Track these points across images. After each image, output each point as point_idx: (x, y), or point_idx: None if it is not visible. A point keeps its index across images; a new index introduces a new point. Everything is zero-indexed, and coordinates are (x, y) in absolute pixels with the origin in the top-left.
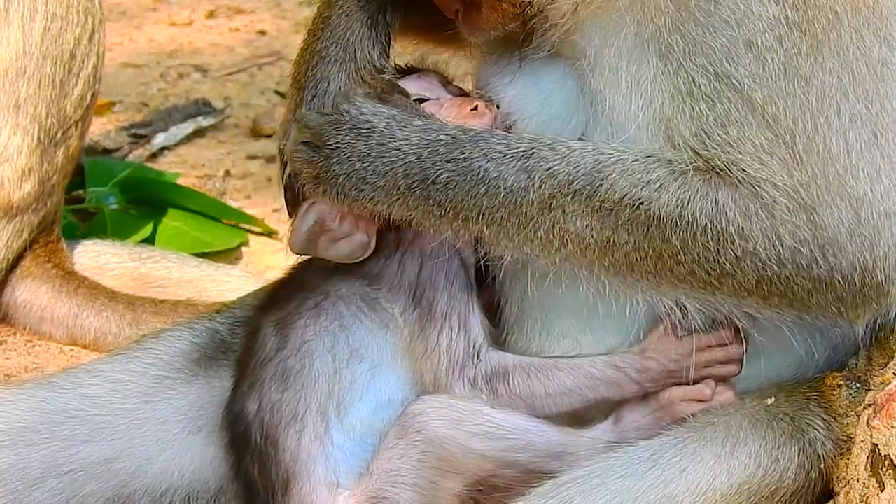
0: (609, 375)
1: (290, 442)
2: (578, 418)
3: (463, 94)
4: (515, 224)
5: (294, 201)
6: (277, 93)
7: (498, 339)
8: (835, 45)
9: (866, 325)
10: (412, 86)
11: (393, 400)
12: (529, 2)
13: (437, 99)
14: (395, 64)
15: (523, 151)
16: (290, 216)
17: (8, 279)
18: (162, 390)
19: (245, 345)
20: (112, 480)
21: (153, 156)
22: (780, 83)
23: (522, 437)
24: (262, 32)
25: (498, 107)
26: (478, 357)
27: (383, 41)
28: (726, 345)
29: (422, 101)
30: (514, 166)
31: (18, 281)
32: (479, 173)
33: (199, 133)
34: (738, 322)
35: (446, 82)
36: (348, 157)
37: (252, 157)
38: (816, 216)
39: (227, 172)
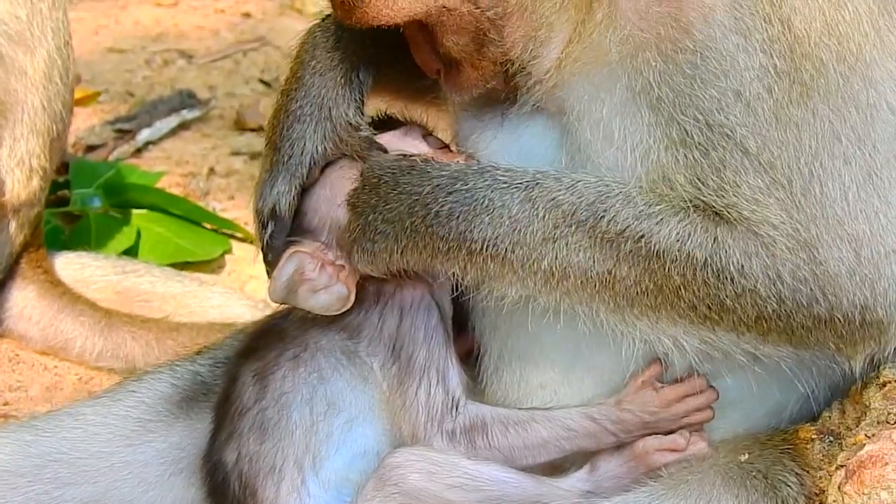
0: (585, 427)
1: (269, 493)
2: (555, 467)
3: (444, 147)
4: (520, 256)
5: (273, 262)
6: (262, 81)
7: (475, 389)
8: (823, 91)
9: (864, 360)
10: (392, 142)
11: (368, 451)
12: (511, 60)
13: (418, 154)
14: (375, 115)
15: (528, 182)
16: (269, 277)
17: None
18: (144, 433)
19: (224, 393)
20: None
21: (138, 151)
22: (773, 131)
23: (498, 488)
24: (247, 15)
25: (478, 162)
26: (456, 410)
27: (357, 98)
28: (699, 392)
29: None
30: (518, 196)
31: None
32: (483, 202)
33: (183, 126)
34: (739, 358)
35: (427, 134)
36: (361, 212)
37: (236, 154)
38: (817, 255)
39: (211, 170)
